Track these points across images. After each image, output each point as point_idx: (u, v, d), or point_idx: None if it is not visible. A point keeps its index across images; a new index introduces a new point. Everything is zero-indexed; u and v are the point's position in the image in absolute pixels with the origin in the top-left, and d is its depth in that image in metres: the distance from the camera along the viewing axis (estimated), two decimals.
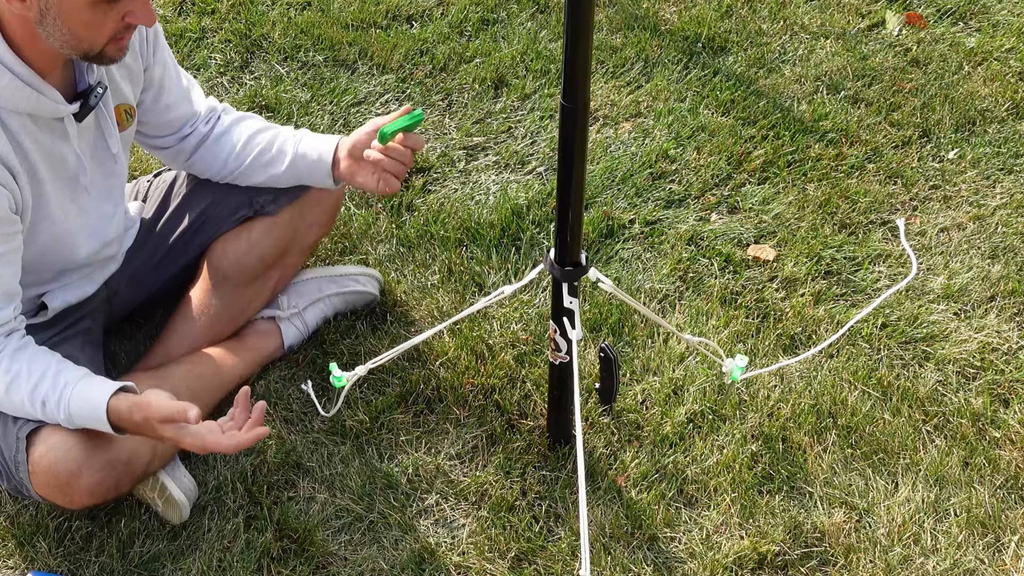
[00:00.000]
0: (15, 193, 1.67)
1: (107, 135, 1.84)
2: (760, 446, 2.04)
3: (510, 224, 2.48)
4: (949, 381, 2.16)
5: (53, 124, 1.70)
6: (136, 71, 1.88)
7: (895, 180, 2.63)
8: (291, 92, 2.87)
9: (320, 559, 1.87)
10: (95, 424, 1.70)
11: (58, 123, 1.71)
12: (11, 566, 1.86)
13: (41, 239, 1.80)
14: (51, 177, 1.74)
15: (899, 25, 3.12)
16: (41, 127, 1.68)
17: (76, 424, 1.71)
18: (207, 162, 2.08)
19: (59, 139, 1.73)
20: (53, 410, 1.70)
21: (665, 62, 2.97)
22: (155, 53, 1.90)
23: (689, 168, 2.66)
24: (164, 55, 1.94)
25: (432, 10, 3.17)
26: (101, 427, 1.70)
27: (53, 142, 1.72)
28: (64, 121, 1.72)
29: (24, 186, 1.69)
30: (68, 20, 1.55)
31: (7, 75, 1.60)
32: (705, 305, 2.31)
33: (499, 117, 2.81)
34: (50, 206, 1.77)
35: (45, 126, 1.69)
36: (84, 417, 1.69)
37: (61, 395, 1.69)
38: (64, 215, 1.81)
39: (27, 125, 1.66)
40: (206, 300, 2.08)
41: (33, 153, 1.69)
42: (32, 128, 1.67)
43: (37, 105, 1.65)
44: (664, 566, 1.86)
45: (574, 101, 1.49)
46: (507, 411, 2.10)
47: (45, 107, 1.66)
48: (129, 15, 1.60)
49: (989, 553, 1.88)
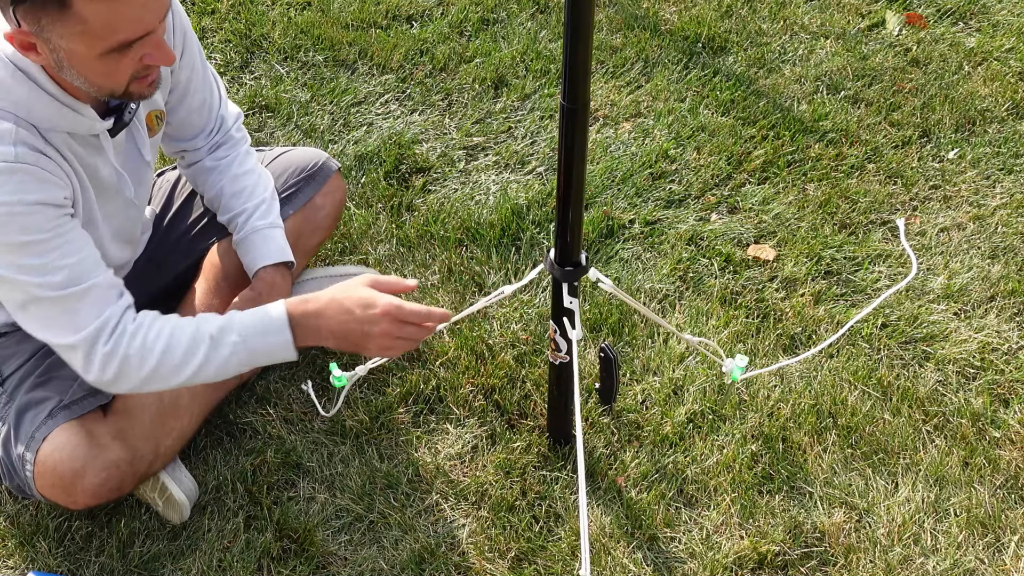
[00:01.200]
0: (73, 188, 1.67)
1: (140, 144, 1.84)
2: (760, 446, 2.04)
3: (510, 224, 2.48)
4: (949, 381, 2.16)
5: (90, 139, 1.71)
6: (164, 75, 1.88)
7: (895, 180, 2.63)
8: (291, 92, 2.87)
9: (320, 559, 1.87)
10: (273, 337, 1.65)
11: (94, 138, 1.72)
12: (11, 566, 1.87)
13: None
14: (92, 187, 1.76)
15: (899, 25, 3.12)
16: (79, 142, 1.69)
17: (249, 347, 1.66)
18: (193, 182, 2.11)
19: (95, 153, 1.74)
20: (223, 336, 1.65)
21: (665, 62, 2.97)
22: (183, 56, 1.89)
23: (689, 168, 2.66)
24: (192, 59, 1.92)
25: (432, 10, 3.17)
26: (279, 338, 1.65)
27: (90, 156, 1.73)
28: (100, 137, 1.73)
29: (76, 186, 1.69)
30: (82, 70, 1.55)
31: (45, 97, 1.60)
32: (705, 305, 2.31)
33: (499, 117, 2.81)
34: (94, 213, 1.78)
35: (82, 142, 1.70)
36: (261, 329, 1.65)
37: (230, 321, 1.66)
38: (106, 223, 1.82)
39: (67, 142, 1.67)
40: (207, 299, 2.07)
41: (75, 165, 1.70)
42: (72, 143, 1.68)
43: (74, 124, 1.65)
44: (664, 566, 1.86)
45: (574, 101, 1.49)
46: (507, 411, 2.10)
47: (82, 125, 1.67)
48: (146, 57, 1.58)
49: (989, 553, 1.88)
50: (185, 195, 2.15)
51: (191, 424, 1.95)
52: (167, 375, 1.66)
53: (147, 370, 1.65)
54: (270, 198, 2.05)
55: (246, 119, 2.79)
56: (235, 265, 2.08)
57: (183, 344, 1.66)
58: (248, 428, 2.07)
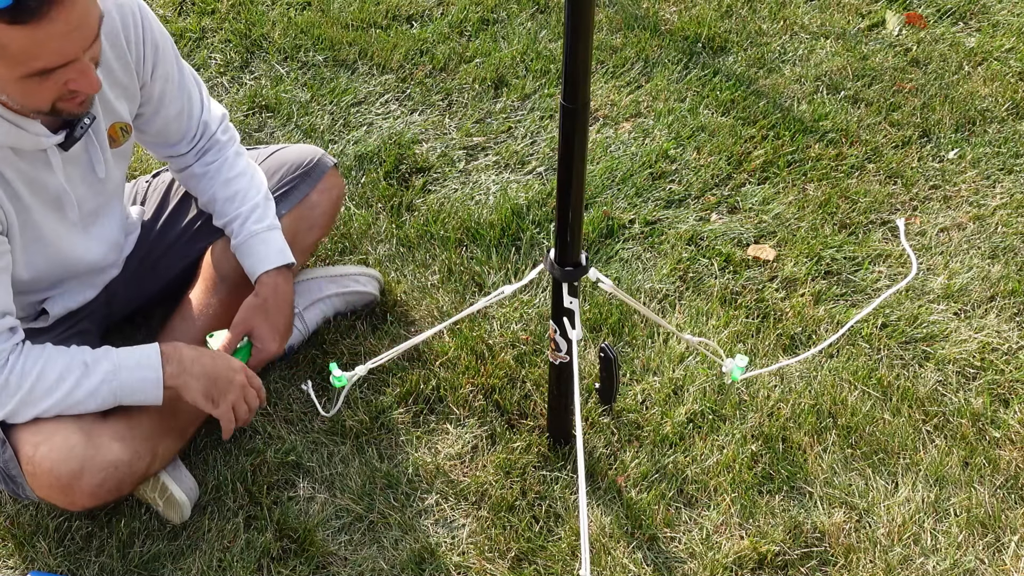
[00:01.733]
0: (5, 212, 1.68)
1: (94, 160, 1.83)
2: (760, 446, 2.04)
3: (510, 224, 2.48)
4: (949, 381, 2.16)
5: (36, 155, 1.71)
6: (132, 89, 1.86)
7: (895, 180, 2.63)
8: (291, 92, 2.87)
9: (320, 559, 1.87)
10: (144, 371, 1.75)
11: (41, 154, 1.71)
12: (11, 566, 1.86)
13: (38, 259, 1.81)
14: (37, 204, 1.75)
15: (899, 25, 3.12)
16: (23, 158, 1.68)
17: (120, 378, 1.73)
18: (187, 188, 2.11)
19: (42, 168, 1.73)
20: (97, 365, 1.72)
21: (665, 62, 2.97)
22: (155, 70, 1.88)
23: (689, 168, 2.66)
24: (167, 69, 1.91)
25: (432, 10, 3.17)
26: (150, 373, 1.74)
27: (36, 171, 1.72)
28: (47, 152, 1.72)
29: (9, 211, 1.70)
30: (5, 89, 1.54)
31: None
32: (705, 305, 2.31)
33: (499, 117, 2.81)
34: (41, 230, 1.78)
35: (27, 157, 1.69)
36: (134, 362, 1.74)
37: (107, 351, 1.74)
38: (57, 236, 1.82)
39: (8, 156, 1.66)
40: (205, 301, 2.07)
41: (16, 182, 1.70)
42: (14, 159, 1.67)
43: (17, 139, 1.65)
44: (664, 566, 1.86)
45: (574, 101, 1.49)
46: (507, 411, 2.10)
47: (26, 140, 1.66)
48: (69, 82, 1.56)
49: (989, 553, 1.88)
50: (180, 196, 2.14)
51: (190, 425, 1.95)
52: (38, 398, 1.71)
53: (22, 393, 1.70)
54: (263, 200, 2.05)
55: (246, 119, 2.79)
56: (232, 267, 2.07)
57: (57, 368, 1.72)
58: (248, 428, 2.07)
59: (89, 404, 1.74)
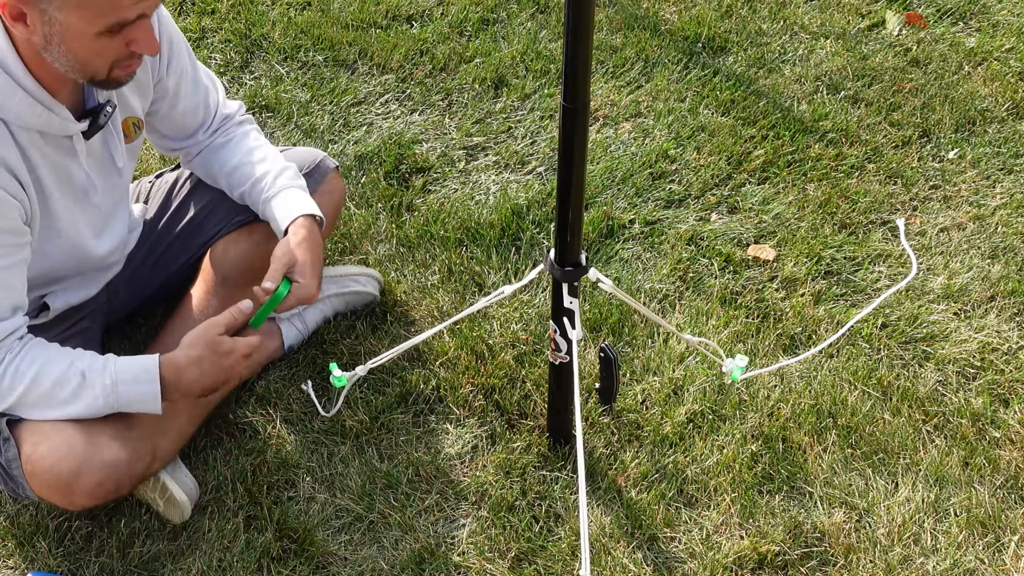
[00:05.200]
0: (25, 203, 1.69)
1: (113, 150, 1.85)
2: (760, 446, 2.04)
3: (510, 224, 2.48)
4: (949, 381, 2.16)
5: (61, 141, 1.72)
6: (146, 84, 1.89)
7: (895, 180, 2.63)
8: (291, 92, 2.87)
9: (320, 559, 1.87)
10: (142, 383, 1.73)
11: (66, 140, 1.73)
12: (11, 566, 1.86)
13: (49, 249, 1.81)
14: (58, 192, 1.76)
15: (899, 25, 3.12)
16: (50, 143, 1.70)
17: (118, 392, 1.72)
18: (204, 169, 2.10)
19: (67, 155, 1.74)
20: (95, 377, 1.71)
21: (665, 62, 2.97)
22: (169, 64, 1.91)
23: (689, 168, 2.66)
24: (182, 63, 1.94)
25: (432, 10, 3.17)
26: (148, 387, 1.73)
27: (61, 158, 1.73)
28: (73, 139, 1.74)
29: (32, 198, 1.71)
30: (73, 47, 1.57)
31: (19, 92, 1.61)
32: (705, 305, 2.31)
33: (499, 117, 2.81)
34: (58, 219, 1.79)
35: (53, 142, 1.70)
36: (132, 376, 1.73)
37: (105, 363, 1.72)
38: (72, 227, 1.83)
39: (36, 141, 1.68)
40: (205, 300, 2.07)
41: (41, 168, 1.71)
42: (41, 144, 1.69)
43: (47, 123, 1.66)
44: (664, 566, 1.86)
45: (574, 101, 1.49)
46: (507, 411, 2.10)
47: (55, 125, 1.67)
48: (132, 43, 1.61)
49: (989, 553, 1.88)
50: (182, 196, 2.14)
51: (189, 425, 1.95)
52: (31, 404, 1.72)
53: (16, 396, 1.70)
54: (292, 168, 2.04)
55: None
56: (233, 267, 2.08)
57: (53, 374, 1.71)
58: (248, 428, 2.07)
59: (84, 415, 1.74)
